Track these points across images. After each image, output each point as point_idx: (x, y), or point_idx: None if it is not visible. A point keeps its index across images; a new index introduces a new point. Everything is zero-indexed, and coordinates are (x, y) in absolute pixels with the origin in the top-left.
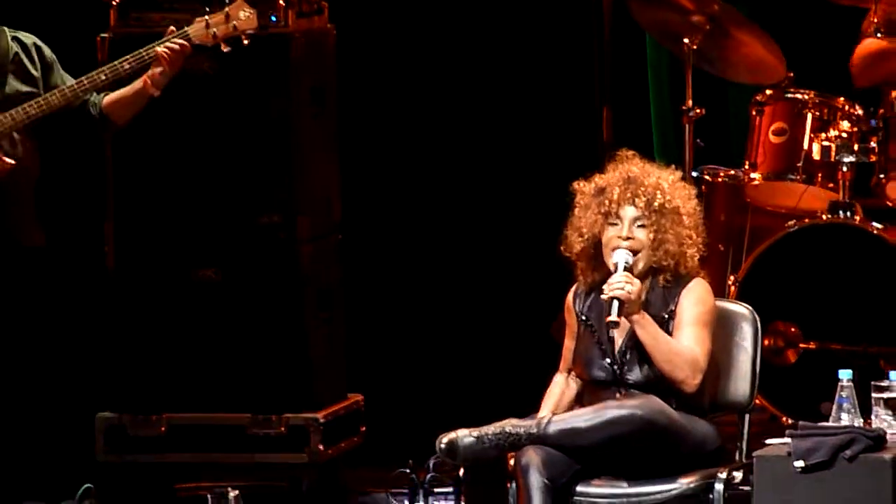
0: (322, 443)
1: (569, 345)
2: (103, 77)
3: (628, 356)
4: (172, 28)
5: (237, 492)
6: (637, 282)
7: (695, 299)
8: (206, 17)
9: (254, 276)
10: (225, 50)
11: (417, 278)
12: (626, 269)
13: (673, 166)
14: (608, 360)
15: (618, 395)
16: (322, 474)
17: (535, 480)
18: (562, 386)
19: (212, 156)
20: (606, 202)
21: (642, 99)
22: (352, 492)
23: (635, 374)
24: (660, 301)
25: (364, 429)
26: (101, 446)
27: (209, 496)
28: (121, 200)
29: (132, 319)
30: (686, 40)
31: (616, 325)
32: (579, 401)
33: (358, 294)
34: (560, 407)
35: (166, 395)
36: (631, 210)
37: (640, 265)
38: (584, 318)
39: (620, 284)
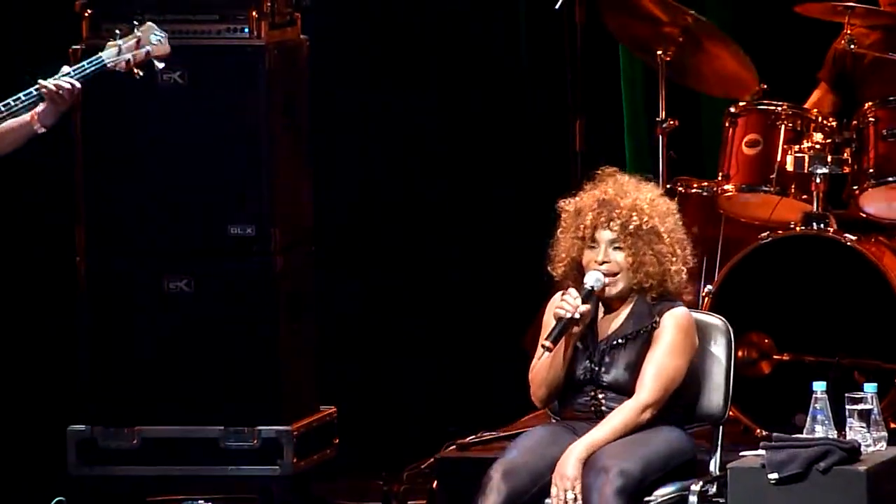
0: (295, 455)
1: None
2: None
3: (606, 358)
4: (65, 68)
5: None
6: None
7: (677, 325)
8: (119, 41)
9: (226, 288)
10: (136, 76)
11: (390, 289)
12: (593, 290)
13: (653, 182)
14: (587, 361)
15: (592, 393)
16: (295, 487)
17: (497, 490)
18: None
19: (184, 166)
20: (582, 226)
21: (615, 110)
22: None
23: (611, 376)
24: (645, 313)
25: (337, 441)
26: (72, 459)
27: None
28: (92, 209)
29: (103, 330)
30: (659, 52)
31: (549, 349)
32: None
33: (331, 305)
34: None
35: (138, 407)
36: (607, 234)
37: (620, 286)
38: None
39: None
